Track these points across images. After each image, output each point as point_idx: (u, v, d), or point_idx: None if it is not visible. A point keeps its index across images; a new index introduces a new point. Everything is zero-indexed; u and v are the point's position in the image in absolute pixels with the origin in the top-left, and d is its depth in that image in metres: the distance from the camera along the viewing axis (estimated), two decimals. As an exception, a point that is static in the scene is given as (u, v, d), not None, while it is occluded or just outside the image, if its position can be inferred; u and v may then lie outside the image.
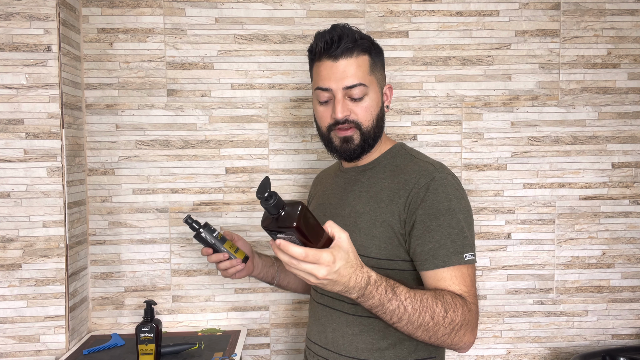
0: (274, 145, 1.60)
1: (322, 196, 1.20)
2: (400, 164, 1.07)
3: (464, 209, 1.00)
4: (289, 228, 0.74)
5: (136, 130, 1.56)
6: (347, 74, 1.02)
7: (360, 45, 1.03)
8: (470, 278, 0.97)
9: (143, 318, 1.30)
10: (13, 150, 1.36)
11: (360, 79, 1.02)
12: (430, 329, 0.88)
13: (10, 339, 1.38)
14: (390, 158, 1.09)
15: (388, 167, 1.08)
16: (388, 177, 1.06)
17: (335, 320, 1.07)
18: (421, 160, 1.06)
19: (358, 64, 1.02)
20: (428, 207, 0.97)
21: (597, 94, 1.64)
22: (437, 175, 1.00)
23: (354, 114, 1.04)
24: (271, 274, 1.29)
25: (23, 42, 1.35)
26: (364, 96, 1.03)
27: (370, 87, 1.04)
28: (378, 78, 1.07)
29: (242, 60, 1.58)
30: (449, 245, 0.96)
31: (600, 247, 1.66)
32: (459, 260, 0.95)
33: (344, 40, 1.01)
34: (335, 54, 1.02)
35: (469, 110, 1.62)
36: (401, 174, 1.04)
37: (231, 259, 1.18)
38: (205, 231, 1.17)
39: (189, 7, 1.56)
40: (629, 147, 1.65)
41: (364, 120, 1.04)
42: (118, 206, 1.57)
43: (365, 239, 1.02)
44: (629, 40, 1.63)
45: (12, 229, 1.37)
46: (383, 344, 1.02)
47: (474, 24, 1.61)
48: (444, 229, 0.96)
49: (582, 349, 1.66)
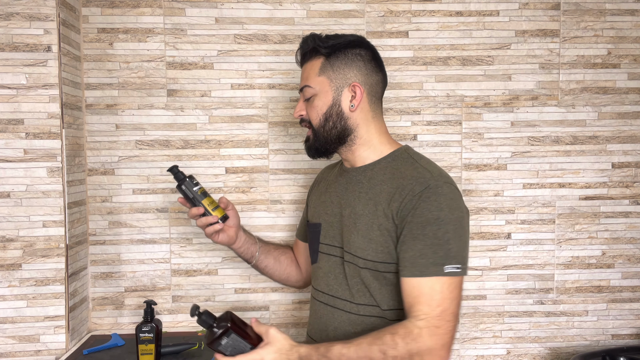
0: (274, 145, 1.60)
1: (324, 192, 1.22)
2: (401, 167, 1.06)
3: (455, 220, 0.98)
4: (227, 329, 0.94)
5: (136, 130, 1.56)
6: (302, 78, 1.13)
7: (314, 50, 1.10)
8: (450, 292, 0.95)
9: (143, 318, 1.29)
10: (13, 150, 1.36)
11: (307, 81, 1.11)
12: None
13: (10, 339, 1.38)
14: (392, 160, 1.09)
15: (388, 169, 1.08)
16: (387, 179, 1.05)
17: (337, 319, 1.08)
18: (421, 167, 1.05)
19: (310, 67, 1.11)
20: (418, 214, 0.98)
21: (597, 94, 1.64)
22: (432, 184, 1.00)
23: (307, 114, 1.12)
24: (251, 252, 1.30)
25: (23, 42, 1.35)
26: (311, 97, 1.10)
27: (319, 87, 1.09)
28: (332, 78, 1.08)
29: (242, 60, 1.58)
30: (430, 255, 0.96)
31: (600, 247, 1.66)
32: (437, 272, 0.95)
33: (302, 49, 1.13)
34: (301, 62, 1.16)
35: (469, 110, 1.62)
36: (400, 178, 1.04)
37: (207, 216, 1.17)
38: (187, 183, 1.17)
39: (189, 7, 1.56)
40: (629, 147, 1.65)
41: (312, 119, 1.11)
42: (118, 206, 1.57)
43: (363, 242, 1.03)
44: (629, 40, 1.64)
45: (12, 229, 1.37)
46: None
47: (474, 24, 1.61)
48: (428, 238, 0.96)
49: (582, 349, 1.66)
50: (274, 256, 1.33)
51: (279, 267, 1.34)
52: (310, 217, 1.26)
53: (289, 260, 1.35)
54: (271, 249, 1.34)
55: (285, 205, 1.60)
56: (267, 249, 1.32)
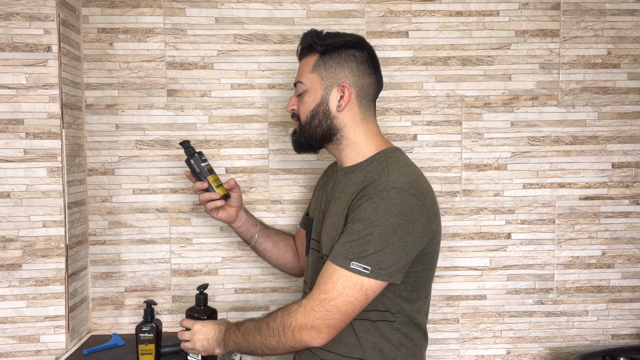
0: (274, 145, 1.60)
1: (321, 188, 1.25)
2: (373, 170, 1.06)
3: (386, 225, 0.96)
4: None
5: (136, 130, 1.56)
6: (297, 73, 1.16)
7: (311, 46, 1.12)
8: (343, 287, 0.97)
9: (143, 318, 1.30)
10: (13, 150, 1.36)
11: (300, 77, 1.13)
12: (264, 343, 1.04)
13: (10, 339, 1.38)
14: (370, 163, 1.09)
15: (364, 172, 1.08)
16: (359, 181, 1.06)
17: None
18: (387, 170, 1.03)
19: (305, 63, 1.14)
20: (356, 212, 1.00)
21: (597, 94, 1.64)
22: (381, 187, 0.99)
23: (297, 109, 1.15)
24: (251, 233, 1.36)
25: (23, 42, 1.35)
26: (302, 93, 1.13)
27: (310, 84, 1.11)
28: (324, 76, 1.10)
29: (242, 60, 1.58)
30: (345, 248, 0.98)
31: (600, 247, 1.66)
32: (342, 263, 0.97)
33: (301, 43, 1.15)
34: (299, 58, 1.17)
35: (469, 110, 1.62)
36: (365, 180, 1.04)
37: (210, 191, 1.25)
38: (196, 158, 1.26)
39: (189, 7, 1.56)
40: (629, 147, 1.65)
41: (301, 114, 1.13)
42: (118, 206, 1.57)
43: (327, 239, 1.08)
44: (629, 40, 1.63)
45: (12, 229, 1.37)
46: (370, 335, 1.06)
47: (474, 24, 1.61)
48: (352, 233, 0.98)
49: (582, 349, 1.66)
50: (273, 241, 1.38)
51: (277, 252, 1.38)
52: (309, 210, 1.31)
53: (287, 247, 1.39)
54: (272, 233, 1.39)
55: (285, 205, 1.60)
56: (267, 233, 1.37)
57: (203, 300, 1.26)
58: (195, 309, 1.25)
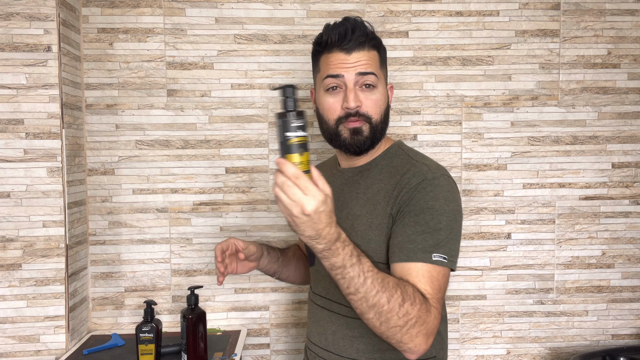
0: (274, 145, 1.60)
1: None
2: (397, 165, 1.04)
3: (450, 211, 0.95)
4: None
5: (136, 130, 1.56)
6: (361, 63, 1.00)
7: (372, 39, 1.02)
8: (438, 282, 0.92)
9: (143, 318, 1.30)
10: (13, 150, 1.36)
11: (372, 68, 1.01)
12: (384, 314, 0.84)
13: (10, 339, 1.38)
14: (388, 159, 1.07)
15: (385, 168, 1.06)
16: (385, 178, 1.03)
17: (335, 322, 1.07)
18: (417, 162, 1.03)
19: (370, 56, 1.01)
20: (413, 204, 0.95)
21: (597, 94, 1.64)
22: (430, 176, 0.98)
23: (365, 106, 1.00)
24: (274, 269, 1.27)
25: (23, 42, 1.35)
26: (375, 88, 1.01)
27: (380, 80, 1.03)
28: (385, 75, 1.07)
29: (242, 60, 1.58)
30: (418, 241, 0.92)
31: (600, 247, 1.66)
32: (424, 258, 0.91)
33: (356, 33, 0.99)
34: (348, 47, 1.00)
35: (469, 110, 1.62)
36: (397, 175, 1.02)
37: None
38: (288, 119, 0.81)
39: (189, 7, 1.56)
40: (629, 147, 1.65)
41: (374, 114, 1.01)
42: (118, 206, 1.57)
43: (362, 242, 1.01)
44: (629, 40, 1.63)
45: (12, 229, 1.37)
46: (384, 345, 1.01)
47: (474, 24, 1.61)
48: (419, 225, 0.93)
49: (582, 349, 1.66)
50: (293, 266, 1.31)
51: (299, 274, 1.33)
52: None
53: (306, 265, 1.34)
54: (291, 261, 1.30)
55: (285, 205, 1.60)
56: (287, 262, 1.29)
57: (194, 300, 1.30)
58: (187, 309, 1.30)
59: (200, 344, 1.28)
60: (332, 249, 0.82)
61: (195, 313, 1.28)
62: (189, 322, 1.27)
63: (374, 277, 0.84)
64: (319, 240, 0.81)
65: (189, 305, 1.30)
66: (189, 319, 1.27)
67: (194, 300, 1.30)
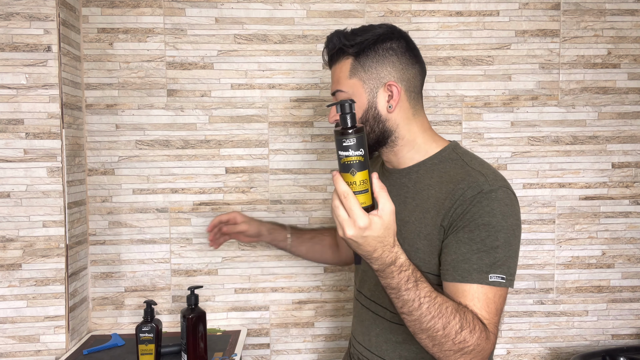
0: (274, 145, 1.60)
1: None
2: (450, 170, 0.97)
3: (508, 227, 0.89)
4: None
5: (136, 130, 1.56)
6: (333, 81, 1.04)
7: (342, 50, 1.00)
8: (495, 304, 0.87)
9: (143, 318, 1.30)
10: (13, 150, 1.36)
11: (338, 85, 1.01)
12: (438, 338, 0.82)
13: (10, 339, 1.38)
14: (439, 162, 1.00)
15: (436, 172, 0.99)
16: (435, 184, 0.97)
17: (379, 325, 1.05)
18: (473, 169, 0.95)
19: (339, 69, 1.01)
20: (467, 219, 0.89)
21: (597, 94, 1.64)
22: (486, 188, 0.90)
23: None
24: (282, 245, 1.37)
25: (23, 42, 1.35)
26: None
27: (352, 91, 0.99)
28: (365, 79, 0.98)
29: (242, 60, 1.58)
30: (474, 261, 0.88)
31: (600, 247, 1.66)
32: (480, 279, 0.87)
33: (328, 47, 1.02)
34: (329, 64, 1.05)
35: (469, 110, 1.62)
36: (450, 183, 0.95)
37: None
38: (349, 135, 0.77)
39: (189, 7, 1.56)
40: (629, 147, 1.65)
41: None
42: (118, 206, 1.57)
43: (409, 251, 0.96)
44: (629, 40, 1.63)
45: (12, 229, 1.37)
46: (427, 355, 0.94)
47: (474, 24, 1.61)
48: (475, 243, 0.88)
49: (582, 349, 1.66)
50: (306, 247, 1.38)
51: (313, 255, 1.40)
52: None
53: (325, 247, 1.40)
54: (305, 239, 1.39)
55: (285, 205, 1.60)
56: (300, 240, 1.38)
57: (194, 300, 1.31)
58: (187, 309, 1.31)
59: (200, 344, 1.28)
60: (386, 271, 0.80)
61: (195, 313, 1.28)
62: (189, 322, 1.27)
63: (431, 302, 0.81)
64: (371, 261, 0.80)
65: (189, 305, 1.30)
66: (189, 319, 1.27)
67: (194, 300, 1.30)
